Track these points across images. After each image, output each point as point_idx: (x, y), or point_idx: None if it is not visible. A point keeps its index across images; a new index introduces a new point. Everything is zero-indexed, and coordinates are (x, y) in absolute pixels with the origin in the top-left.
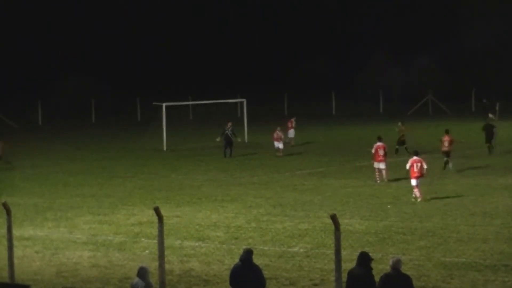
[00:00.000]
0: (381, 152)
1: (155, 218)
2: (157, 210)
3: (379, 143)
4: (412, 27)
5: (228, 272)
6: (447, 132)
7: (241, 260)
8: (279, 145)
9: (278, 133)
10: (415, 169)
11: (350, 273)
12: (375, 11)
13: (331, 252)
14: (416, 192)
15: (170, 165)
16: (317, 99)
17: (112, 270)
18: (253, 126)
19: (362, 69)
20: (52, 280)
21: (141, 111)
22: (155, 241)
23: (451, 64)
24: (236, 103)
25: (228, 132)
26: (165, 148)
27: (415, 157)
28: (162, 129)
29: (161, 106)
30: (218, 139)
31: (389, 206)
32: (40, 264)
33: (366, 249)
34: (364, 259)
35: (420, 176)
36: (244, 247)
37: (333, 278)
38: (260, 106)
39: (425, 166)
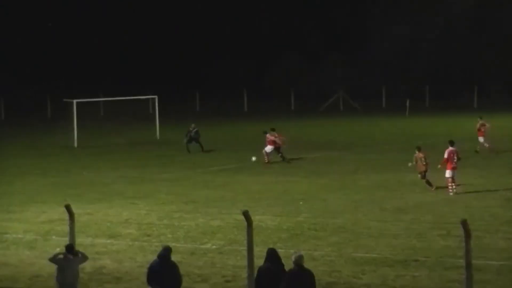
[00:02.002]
0: (454, 159)
1: (66, 216)
2: (68, 208)
3: (451, 148)
4: (323, 24)
5: (140, 269)
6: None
7: (159, 257)
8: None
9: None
10: (453, 160)
11: (260, 269)
12: (285, 8)
13: (243, 248)
14: (453, 185)
15: (81, 162)
16: (229, 97)
17: (22, 268)
18: (164, 123)
19: (273, 67)
20: None
21: (51, 108)
22: (66, 238)
23: (362, 61)
24: (147, 100)
25: (192, 134)
26: (76, 145)
27: (451, 148)
28: (73, 125)
29: (72, 103)
30: (184, 141)
31: (301, 203)
32: None
33: (278, 245)
34: (272, 255)
35: (456, 168)
36: (158, 244)
37: (245, 275)
38: (172, 104)
39: (459, 156)
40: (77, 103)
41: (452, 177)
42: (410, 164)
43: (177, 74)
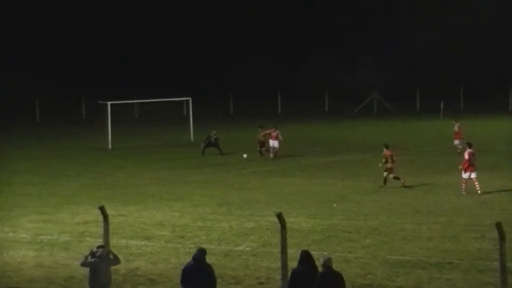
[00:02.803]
0: (473, 160)
1: (100, 217)
2: (102, 209)
3: (470, 150)
4: (357, 26)
5: (174, 271)
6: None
7: (194, 258)
8: (275, 143)
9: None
10: (472, 162)
11: (294, 271)
12: (320, 10)
13: (277, 250)
14: (476, 184)
15: (115, 164)
16: (263, 99)
17: (57, 269)
18: (198, 125)
19: (307, 68)
20: None
21: (86, 110)
22: (101, 240)
23: (396, 63)
24: (182, 101)
25: (212, 139)
26: (110, 146)
27: (469, 150)
28: (107, 127)
29: (106, 105)
30: (202, 145)
31: (334, 205)
32: None
33: (312, 248)
34: (306, 258)
35: (473, 170)
36: (192, 246)
37: (279, 277)
38: (206, 105)
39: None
40: (112, 105)
41: (469, 178)
42: (380, 165)
43: (211, 76)
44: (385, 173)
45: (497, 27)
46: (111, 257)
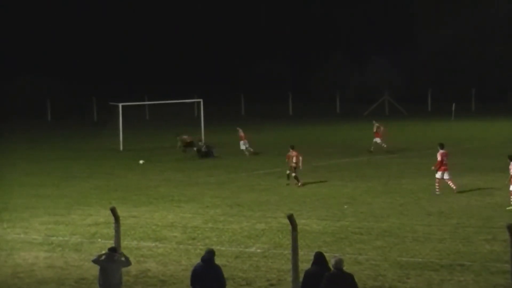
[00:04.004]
0: (445, 161)
1: (111, 219)
2: (113, 211)
3: (442, 151)
4: (368, 28)
5: (185, 273)
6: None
7: (202, 260)
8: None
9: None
10: (444, 162)
11: (307, 272)
12: (331, 12)
13: (288, 252)
14: (452, 184)
15: (126, 165)
16: (274, 100)
17: (68, 271)
18: (210, 127)
19: (319, 70)
20: (7, 281)
21: (97, 111)
22: (112, 241)
23: (407, 65)
24: (193, 103)
25: (202, 149)
26: (121, 148)
27: (442, 151)
28: (119, 129)
29: (118, 106)
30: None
31: (345, 206)
32: None
33: (323, 249)
34: (319, 259)
35: (447, 169)
36: (203, 247)
37: (290, 278)
38: (217, 107)
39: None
40: (123, 106)
41: (442, 178)
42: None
43: (222, 77)
44: (288, 171)
45: (509, 29)
46: (122, 258)
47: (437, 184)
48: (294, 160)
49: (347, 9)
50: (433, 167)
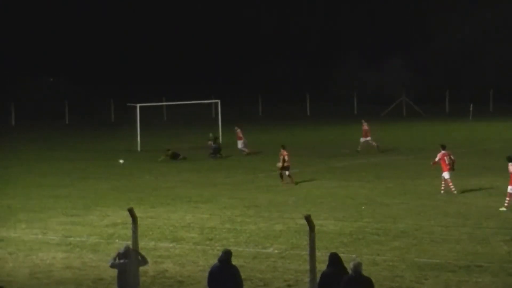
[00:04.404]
0: (448, 161)
1: (129, 219)
2: (131, 211)
3: (443, 151)
4: (385, 29)
5: (202, 273)
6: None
7: (219, 261)
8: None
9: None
10: (447, 162)
11: (323, 274)
12: (349, 13)
13: (305, 253)
14: (451, 185)
15: (144, 166)
16: (291, 101)
17: (85, 271)
18: (227, 127)
19: (336, 71)
20: (25, 281)
21: (115, 112)
22: (129, 242)
23: (424, 65)
24: (210, 104)
25: (212, 147)
26: (139, 149)
27: (443, 151)
28: (136, 129)
29: (135, 107)
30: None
31: (363, 207)
32: (13, 265)
33: (340, 250)
34: (334, 260)
35: (451, 169)
36: (221, 248)
37: (307, 279)
38: (234, 107)
39: (453, 158)
40: (140, 107)
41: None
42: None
43: (240, 78)
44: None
45: None
46: (139, 258)
47: (450, 184)
48: (283, 159)
49: (364, 10)
50: (431, 163)
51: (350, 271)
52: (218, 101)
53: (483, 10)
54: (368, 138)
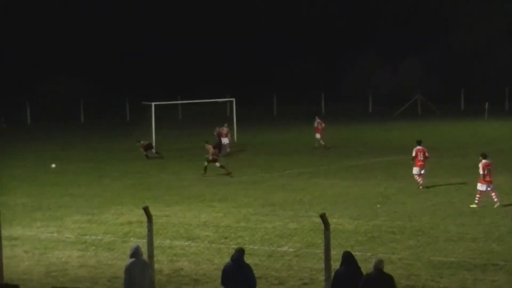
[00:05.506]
0: (421, 157)
1: (144, 218)
2: (146, 210)
3: (419, 147)
4: (400, 28)
5: (217, 272)
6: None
7: (232, 259)
8: (225, 140)
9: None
10: (419, 158)
11: (336, 272)
12: (364, 12)
13: (320, 251)
14: (419, 180)
15: (159, 164)
16: (306, 100)
17: (101, 269)
18: (242, 126)
19: (351, 70)
20: (41, 280)
21: (130, 111)
22: (144, 240)
23: (439, 64)
24: (225, 102)
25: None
26: (154, 147)
27: (419, 147)
28: (151, 128)
29: (150, 106)
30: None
31: (378, 206)
32: (29, 263)
33: (356, 248)
34: (348, 259)
35: (423, 165)
36: (236, 246)
37: (322, 278)
38: (249, 106)
39: (427, 155)
40: (156, 106)
41: (419, 174)
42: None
43: (255, 76)
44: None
45: None
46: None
47: (418, 179)
48: (211, 153)
49: (380, 9)
50: (411, 161)
51: (371, 268)
52: (233, 99)
53: (498, 9)
54: (319, 136)
